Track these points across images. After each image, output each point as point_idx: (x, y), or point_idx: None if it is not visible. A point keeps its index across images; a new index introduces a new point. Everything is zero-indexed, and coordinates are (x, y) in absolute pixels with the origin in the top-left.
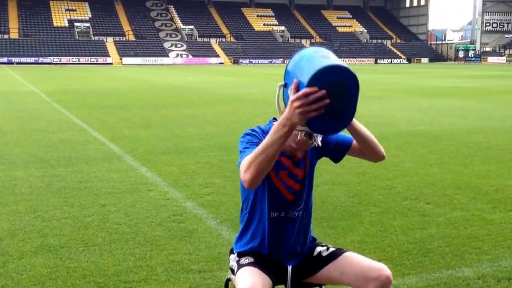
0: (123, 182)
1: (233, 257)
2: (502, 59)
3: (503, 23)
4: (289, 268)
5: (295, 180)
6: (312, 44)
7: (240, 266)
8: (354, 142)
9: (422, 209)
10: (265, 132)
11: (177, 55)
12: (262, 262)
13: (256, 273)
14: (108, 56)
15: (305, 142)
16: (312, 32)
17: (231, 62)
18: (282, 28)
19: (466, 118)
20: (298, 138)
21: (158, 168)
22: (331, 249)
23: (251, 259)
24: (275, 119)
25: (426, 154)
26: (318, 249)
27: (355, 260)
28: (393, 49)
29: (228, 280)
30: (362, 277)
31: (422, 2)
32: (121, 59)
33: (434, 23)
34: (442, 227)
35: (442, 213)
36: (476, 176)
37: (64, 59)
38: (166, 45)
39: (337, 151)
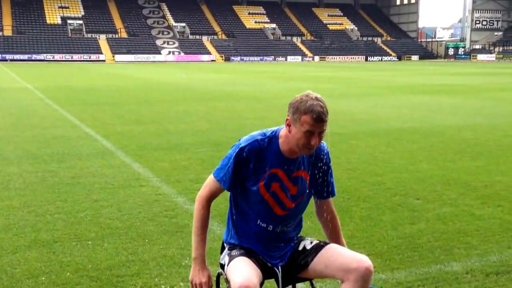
0: (115, 177)
1: (225, 251)
2: (492, 57)
3: (493, 20)
4: (279, 268)
5: (288, 195)
6: (303, 41)
7: (232, 257)
8: (327, 201)
9: (412, 205)
10: (264, 150)
11: (169, 52)
12: (253, 256)
13: (250, 264)
14: (101, 53)
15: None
16: (303, 30)
17: (222, 59)
18: (274, 25)
19: (456, 115)
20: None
21: (150, 164)
22: (315, 241)
23: (242, 251)
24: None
25: (416, 151)
26: (303, 243)
27: (337, 251)
28: (383, 46)
29: (219, 274)
30: (344, 269)
31: (413, 0)
32: (113, 56)
33: (424, 20)
34: (431, 223)
35: (431, 209)
36: (465, 172)
37: (57, 56)
38: (158, 42)
39: (318, 188)
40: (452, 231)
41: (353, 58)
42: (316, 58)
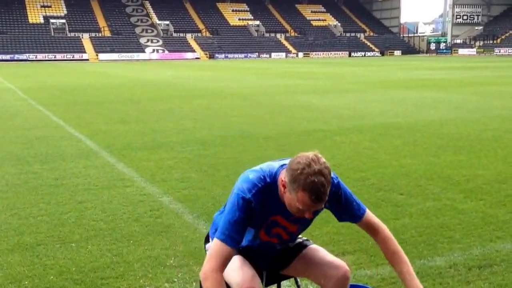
0: (100, 178)
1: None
2: (473, 51)
3: (473, 15)
4: (264, 273)
5: (288, 233)
6: (287, 38)
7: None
8: (364, 221)
9: (396, 200)
10: (266, 198)
11: (153, 50)
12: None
13: (247, 263)
14: (84, 52)
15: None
16: (287, 26)
17: (207, 57)
18: (257, 22)
19: (438, 109)
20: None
21: (135, 163)
22: (297, 240)
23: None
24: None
25: (400, 146)
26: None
27: (317, 256)
28: (366, 42)
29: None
30: (322, 274)
31: None
32: (97, 55)
33: (406, 16)
34: (415, 217)
35: (415, 204)
36: (448, 167)
37: (40, 56)
38: (142, 40)
39: (343, 216)
40: (435, 225)
41: (336, 54)
42: (300, 54)
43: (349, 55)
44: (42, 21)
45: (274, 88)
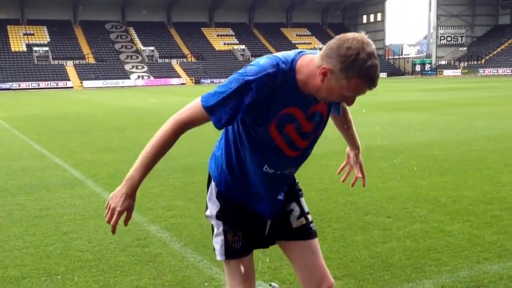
0: (85, 208)
1: (214, 202)
2: (458, 72)
3: (457, 36)
4: (268, 223)
5: (302, 136)
6: None
7: (230, 250)
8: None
9: (383, 223)
10: (277, 87)
11: (138, 76)
12: (247, 223)
13: (249, 269)
14: (68, 80)
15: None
16: (272, 50)
17: (192, 82)
18: (243, 46)
19: (424, 131)
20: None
21: None
22: (301, 220)
23: (239, 235)
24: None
25: (387, 169)
26: (292, 205)
27: (309, 258)
28: None
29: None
30: (307, 280)
31: (379, 18)
32: (81, 82)
33: (391, 38)
34: (402, 241)
35: (402, 226)
36: (434, 189)
37: (23, 84)
38: (127, 67)
39: (331, 107)
40: (423, 248)
41: None
42: None
43: None
44: (25, 49)
45: None
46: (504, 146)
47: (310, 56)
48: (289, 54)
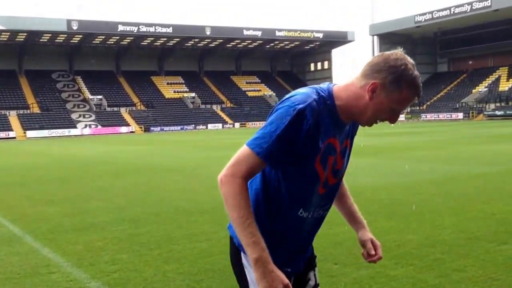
0: (22, 266)
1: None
2: (402, 117)
3: None
4: (292, 278)
5: (334, 173)
6: (223, 109)
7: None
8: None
9: (330, 270)
10: (321, 113)
11: (86, 125)
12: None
13: None
14: (11, 130)
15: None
16: (223, 98)
17: (142, 130)
18: (193, 94)
19: (371, 175)
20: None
21: (61, 247)
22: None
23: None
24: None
25: (334, 214)
26: (310, 275)
27: None
28: None
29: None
30: None
31: (326, 66)
32: (25, 132)
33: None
34: (349, 287)
35: (348, 273)
36: (380, 233)
37: None
38: (74, 116)
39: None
40: None
41: None
42: (237, 124)
43: None
44: None
45: (210, 160)
46: (446, 189)
47: (343, 83)
48: (321, 85)
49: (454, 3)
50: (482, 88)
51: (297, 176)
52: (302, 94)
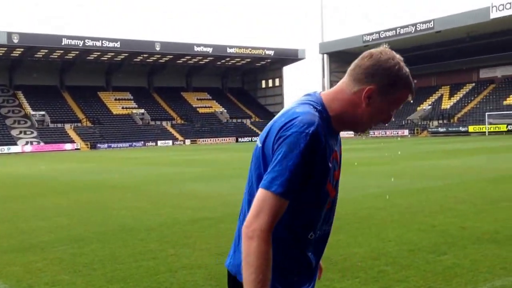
0: None
1: None
2: (350, 133)
3: None
4: None
5: (335, 185)
6: (173, 125)
7: None
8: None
9: None
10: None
11: (27, 142)
12: None
13: None
14: None
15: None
16: (173, 114)
17: (88, 147)
18: (142, 110)
19: None
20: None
21: None
22: None
23: None
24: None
25: None
26: None
27: None
28: (252, 127)
29: None
30: None
31: (277, 83)
32: None
33: (289, 101)
34: None
35: None
36: (328, 247)
37: None
38: (14, 132)
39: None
40: None
41: (224, 139)
42: (188, 141)
43: (237, 141)
44: None
45: (159, 177)
46: (391, 203)
47: (331, 91)
48: (310, 95)
49: (400, 24)
50: (426, 106)
51: (309, 202)
52: (304, 113)
